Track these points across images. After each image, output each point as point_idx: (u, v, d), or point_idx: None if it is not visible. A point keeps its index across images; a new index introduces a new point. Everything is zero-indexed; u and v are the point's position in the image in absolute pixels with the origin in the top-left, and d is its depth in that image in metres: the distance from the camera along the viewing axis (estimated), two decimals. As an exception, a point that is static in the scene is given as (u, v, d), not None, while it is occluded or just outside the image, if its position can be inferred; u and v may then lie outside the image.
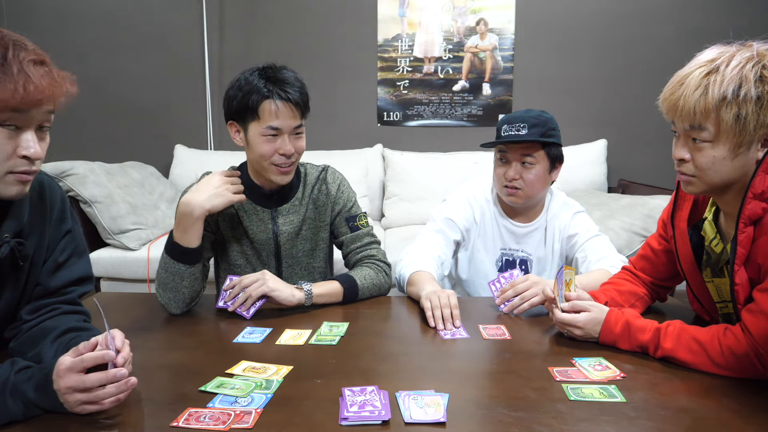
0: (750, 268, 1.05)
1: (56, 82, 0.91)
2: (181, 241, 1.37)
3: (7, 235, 0.99)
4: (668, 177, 3.45)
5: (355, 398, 0.93)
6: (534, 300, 1.36)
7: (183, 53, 3.65)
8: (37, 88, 0.88)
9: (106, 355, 0.88)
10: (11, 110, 0.88)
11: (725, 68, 0.99)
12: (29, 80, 0.87)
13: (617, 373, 1.06)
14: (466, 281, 1.79)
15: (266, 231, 1.57)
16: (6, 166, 0.91)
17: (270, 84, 1.41)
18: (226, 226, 1.58)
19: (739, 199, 1.04)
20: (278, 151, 1.43)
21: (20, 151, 0.91)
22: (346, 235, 1.62)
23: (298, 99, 1.43)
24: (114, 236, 2.84)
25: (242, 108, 1.42)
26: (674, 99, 1.04)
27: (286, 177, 1.49)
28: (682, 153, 1.07)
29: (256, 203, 1.57)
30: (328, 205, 1.62)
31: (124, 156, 3.43)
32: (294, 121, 1.44)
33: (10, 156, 0.90)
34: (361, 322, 1.36)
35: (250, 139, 1.45)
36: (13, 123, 0.89)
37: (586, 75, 3.62)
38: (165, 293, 1.39)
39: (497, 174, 1.67)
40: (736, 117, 0.98)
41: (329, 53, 3.64)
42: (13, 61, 0.86)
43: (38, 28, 3.61)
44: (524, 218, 1.73)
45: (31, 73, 0.88)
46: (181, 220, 1.37)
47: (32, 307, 1.09)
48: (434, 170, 3.40)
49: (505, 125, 1.62)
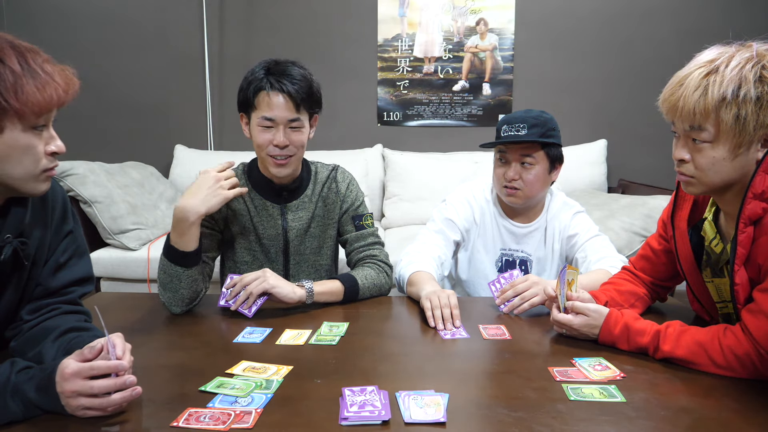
0: (750, 268, 1.05)
1: (70, 78, 0.96)
2: (177, 245, 1.37)
3: (9, 235, 0.99)
4: (668, 177, 3.45)
5: (355, 398, 0.93)
6: (534, 300, 1.36)
7: (183, 53, 3.65)
8: (62, 87, 0.93)
9: (118, 366, 0.89)
10: (48, 112, 0.93)
11: (725, 69, 0.99)
12: (56, 82, 0.93)
13: (617, 373, 1.06)
14: (465, 282, 1.79)
15: (275, 227, 1.58)
16: (41, 166, 0.96)
17: (269, 76, 1.45)
18: (234, 221, 1.59)
19: (739, 199, 1.04)
20: (272, 142, 1.46)
21: (49, 149, 0.96)
22: (351, 233, 1.64)
23: (295, 92, 1.44)
24: (114, 236, 2.84)
25: (246, 99, 1.49)
26: (674, 100, 1.04)
27: (283, 170, 1.51)
28: (682, 154, 1.07)
29: (266, 199, 1.59)
30: (337, 203, 1.63)
31: (124, 156, 3.43)
32: (289, 114, 1.45)
33: (43, 155, 0.96)
34: (361, 322, 1.36)
35: (252, 129, 1.50)
36: (44, 124, 0.95)
37: (586, 75, 3.62)
38: (165, 293, 1.39)
39: (497, 174, 1.67)
40: (735, 117, 0.98)
41: (329, 53, 3.64)
42: (36, 66, 0.91)
43: (38, 27, 3.61)
44: (524, 218, 1.73)
45: (54, 74, 0.93)
46: (177, 225, 1.36)
47: (33, 307, 1.09)
48: (434, 170, 3.40)
49: (504, 125, 1.62)
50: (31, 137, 0.93)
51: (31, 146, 0.93)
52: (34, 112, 0.91)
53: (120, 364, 0.89)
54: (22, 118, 0.90)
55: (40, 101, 0.90)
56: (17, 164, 0.93)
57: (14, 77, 0.88)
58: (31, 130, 0.93)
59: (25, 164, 0.94)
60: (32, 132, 0.93)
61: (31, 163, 0.94)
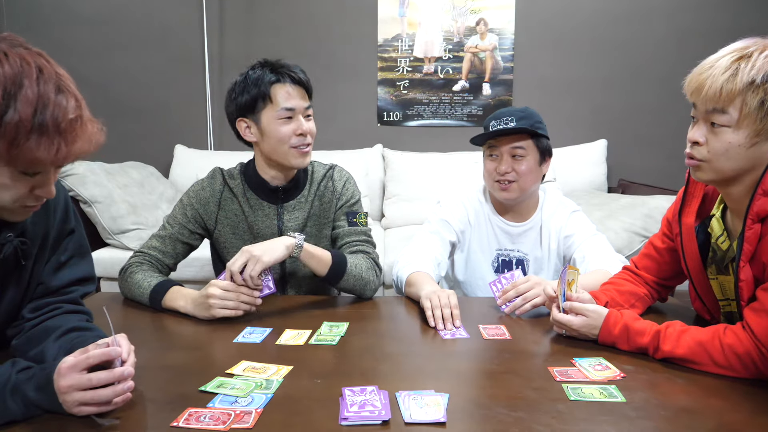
0: (755, 266, 1.05)
1: (89, 137, 0.87)
2: (164, 302, 1.40)
3: (10, 234, 0.99)
4: (668, 177, 3.45)
5: (355, 398, 0.93)
6: (536, 300, 1.36)
7: (183, 53, 3.65)
8: (72, 151, 0.84)
9: (112, 351, 0.88)
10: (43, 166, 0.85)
11: (758, 55, 1.00)
12: (67, 144, 0.83)
13: (617, 373, 1.06)
14: (463, 283, 1.79)
15: (271, 227, 1.58)
16: (19, 202, 0.89)
17: (278, 69, 1.48)
18: (227, 222, 1.58)
19: (748, 196, 1.05)
20: (296, 131, 1.48)
21: (37, 192, 0.89)
22: (343, 228, 1.61)
23: (305, 81, 1.50)
24: (114, 236, 2.84)
25: (252, 99, 1.47)
26: (702, 79, 1.04)
27: (306, 158, 1.52)
28: (698, 136, 1.07)
29: (263, 199, 1.58)
30: (333, 201, 1.62)
31: (124, 156, 3.43)
32: (305, 102, 1.50)
33: (27, 196, 0.88)
34: (361, 322, 1.36)
35: (265, 127, 1.48)
36: (38, 172, 0.87)
37: (586, 75, 3.62)
38: (124, 292, 1.49)
39: (488, 170, 1.67)
40: (761, 103, 0.99)
41: (329, 53, 3.64)
42: (51, 121, 0.80)
43: (38, 27, 3.61)
44: (517, 216, 1.73)
45: (68, 136, 0.82)
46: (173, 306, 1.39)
47: (34, 306, 1.09)
48: (434, 170, 3.40)
49: (493, 121, 1.63)
50: (17, 179, 0.85)
51: (13, 187, 0.85)
52: (25, 165, 0.82)
53: (114, 349, 0.88)
54: (10, 165, 0.82)
55: (39, 159, 0.80)
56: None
57: (16, 130, 0.77)
58: (21, 174, 0.85)
59: (1, 196, 0.86)
60: (21, 175, 0.85)
61: (8, 197, 0.87)
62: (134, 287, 1.43)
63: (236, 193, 1.58)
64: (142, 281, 1.43)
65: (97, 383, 0.86)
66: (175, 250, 1.55)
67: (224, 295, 1.31)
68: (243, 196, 1.58)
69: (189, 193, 1.59)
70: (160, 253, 1.53)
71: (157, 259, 1.53)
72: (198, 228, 1.58)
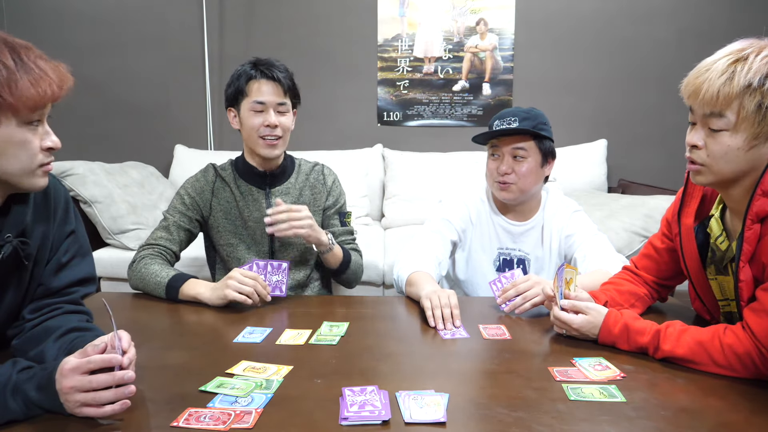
0: (754, 266, 1.05)
1: (63, 74, 0.97)
2: (180, 292, 1.47)
3: (9, 234, 0.99)
4: (668, 177, 3.45)
5: (355, 398, 0.94)
6: (536, 300, 1.36)
7: (183, 53, 3.65)
8: (56, 83, 0.94)
9: (114, 359, 0.88)
10: (42, 107, 0.94)
11: (754, 57, 0.99)
12: (49, 77, 0.93)
13: (617, 373, 1.06)
14: (464, 282, 1.79)
15: (260, 210, 1.69)
16: (37, 161, 0.97)
17: (258, 66, 1.62)
18: (220, 207, 1.69)
19: (747, 196, 1.04)
20: (264, 123, 1.60)
21: (45, 144, 0.97)
22: (337, 227, 1.78)
23: (281, 78, 1.62)
24: (114, 236, 2.84)
25: (235, 91, 1.63)
26: (698, 83, 1.03)
27: (273, 150, 1.64)
28: (696, 140, 1.07)
29: (251, 184, 1.70)
30: (324, 193, 1.77)
31: (124, 156, 3.43)
32: (277, 98, 1.62)
33: (38, 152, 0.97)
34: (361, 322, 1.36)
35: (242, 117, 1.64)
36: (38, 119, 0.96)
37: (586, 75, 3.62)
38: (133, 284, 1.57)
39: (489, 169, 1.68)
40: (758, 106, 0.98)
41: (329, 53, 3.64)
42: (29, 62, 0.92)
43: (38, 28, 3.61)
44: (519, 216, 1.73)
45: (47, 70, 0.94)
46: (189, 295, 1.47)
47: (34, 306, 1.09)
48: (434, 170, 3.40)
49: (497, 120, 1.64)
50: (26, 132, 0.94)
51: (27, 141, 0.95)
52: (28, 107, 0.92)
53: (115, 357, 0.88)
54: (17, 113, 0.92)
55: (34, 96, 0.91)
56: (13, 159, 0.94)
57: (8, 73, 0.89)
58: (26, 126, 0.94)
59: (21, 159, 0.95)
60: (27, 127, 0.94)
61: (27, 158, 0.96)
62: (150, 276, 1.51)
63: (227, 181, 1.70)
64: (160, 271, 1.51)
65: (98, 386, 0.87)
66: (180, 237, 1.66)
67: (243, 280, 1.41)
68: (234, 184, 1.70)
69: (185, 185, 1.72)
70: (168, 241, 1.63)
71: (166, 248, 1.62)
72: (196, 215, 1.69)
